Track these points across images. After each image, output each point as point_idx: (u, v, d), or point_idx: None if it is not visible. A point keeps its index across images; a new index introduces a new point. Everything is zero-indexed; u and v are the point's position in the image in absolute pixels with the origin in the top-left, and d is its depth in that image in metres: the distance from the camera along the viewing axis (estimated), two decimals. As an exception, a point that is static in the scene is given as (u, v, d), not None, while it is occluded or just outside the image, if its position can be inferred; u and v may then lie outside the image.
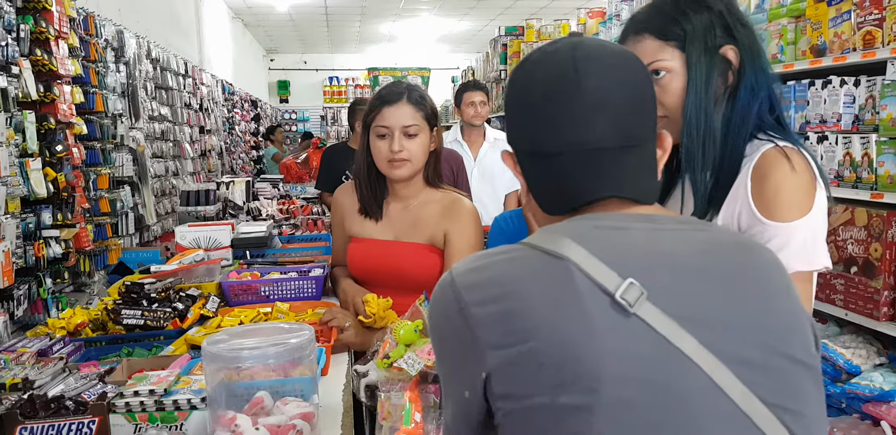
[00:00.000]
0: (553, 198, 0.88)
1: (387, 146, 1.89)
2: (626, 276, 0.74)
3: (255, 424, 1.23)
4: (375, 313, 1.81)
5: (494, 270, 0.78)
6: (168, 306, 1.87)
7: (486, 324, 0.75)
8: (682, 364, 0.72)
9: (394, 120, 1.89)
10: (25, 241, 3.29)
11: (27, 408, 1.26)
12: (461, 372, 0.78)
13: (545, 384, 0.71)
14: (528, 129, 0.87)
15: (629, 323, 0.72)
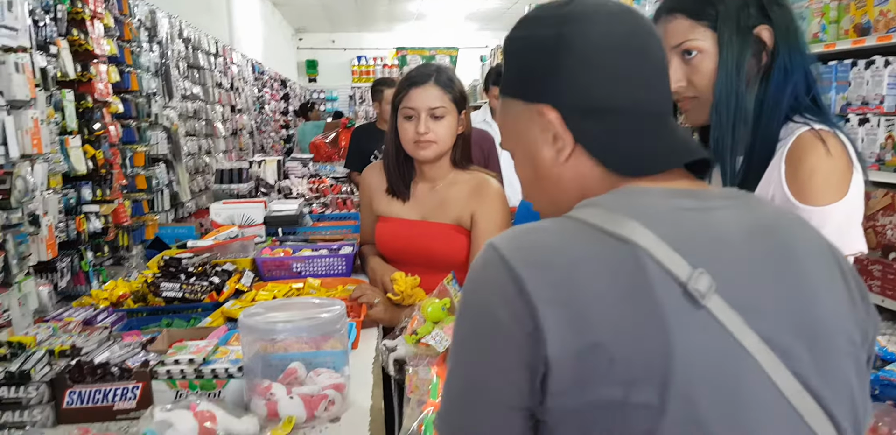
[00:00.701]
0: (621, 160, 0.80)
1: (413, 128, 1.92)
2: (694, 264, 0.69)
3: (290, 393, 1.29)
4: (403, 291, 1.85)
5: (553, 251, 0.70)
6: (205, 280, 1.95)
7: (551, 312, 0.66)
8: (745, 361, 0.68)
9: (420, 102, 1.91)
10: (67, 215, 3.40)
11: (75, 373, 1.34)
12: (504, 361, 0.68)
13: (615, 381, 0.65)
14: (593, 84, 0.79)
15: (699, 316, 0.67)
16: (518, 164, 0.89)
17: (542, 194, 0.87)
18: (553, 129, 0.81)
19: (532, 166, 0.85)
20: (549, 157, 0.83)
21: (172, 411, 1.17)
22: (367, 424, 1.29)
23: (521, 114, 0.85)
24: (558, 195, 0.84)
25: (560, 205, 0.83)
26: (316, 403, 1.29)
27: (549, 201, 0.87)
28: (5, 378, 1.31)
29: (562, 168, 0.83)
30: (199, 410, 1.18)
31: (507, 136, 0.89)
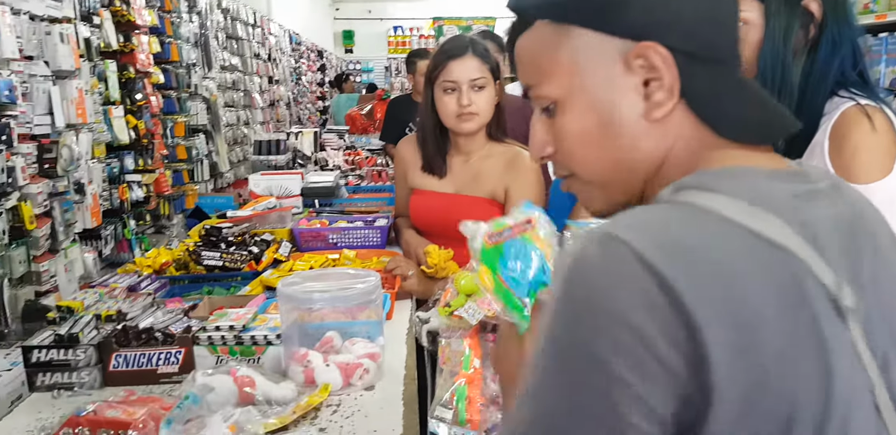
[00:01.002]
0: (733, 123, 0.66)
1: (455, 101, 1.91)
2: (838, 273, 0.58)
3: (326, 360, 1.33)
4: (437, 264, 1.87)
5: (705, 255, 0.56)
6: (244, 250, 1.99)
7: (717, 333, 0.53)
8: (867, 383, 0.58)
9: (461, 74, 1.90)
10: (110, 184, 3.49)
11: (121, 337, 1.39)
12: (642, 385, 0.53)
13: (775, 417, 0.55)
14: (700, 20, 0.65)
15: (844, 336, 0.57)
16: (570, 119, 0.68)
17: (602, 161, 0.68)
18: (655, 74, 0.64)
19: (598, 122, 0.66)
20: (633, 112, 0.65)
21: (213, 376, 1.21)
22: (401, 392, 1.32)
23: (592, 49, 0.65)
24: (628, 163, 0.67)
25: (625, 175, 0.68)
26: (351, 371, 1.32)
27: (609, 170, 0.68)
28: (55, 341, 1.37)
29: (648, 127, 0.65)
30: (239, 375, 1.22)
31: (552, 79, 0.68)
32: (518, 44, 0.71)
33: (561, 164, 0.72)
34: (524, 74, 0.71)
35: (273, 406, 1.21)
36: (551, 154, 0.72)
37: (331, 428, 1.17)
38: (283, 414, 1.18)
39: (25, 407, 1.32)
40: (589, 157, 0.69)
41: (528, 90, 0.71)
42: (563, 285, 0.57)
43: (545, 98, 0.69)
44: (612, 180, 0.69)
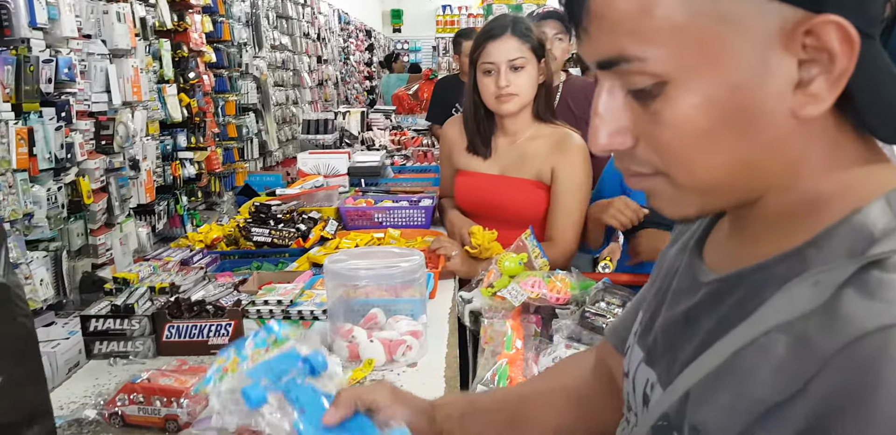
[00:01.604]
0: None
1: (493, 82, 1.90)
2: None
3: (370, 337, 1.35)
4: (481, 244, 1.88)
5: None
6: (292, 227, 2.03)
7: None
8: None
9: (498, 55, 1.88)
10: (164, 161, 3.59)
11: (174, 309, 1.44)
12: None
13: None
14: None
15: None
16: (684, 106, 0.50)
17: (721, 164, 0.52)
18: (819, 58, 0.48)
19: (728, 114, 0.50)
20: (781, 105, 0.49)
21: (262, 348, 1.25)
22: (443, 370, 1.34)
23: (742, 14, 0.48)
24: (758, 171, 0.52)
25: (745, 183, 0.53)
26: (395, 347, 1.34)
27: (728, 175, 0.52)
28: (111, 311, 1.42)
29: (795, 127, 0.50)
30: (287, 349, 1.25)
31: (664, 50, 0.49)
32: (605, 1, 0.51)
33: (645, 160, 0.54)
34: (609, 41, 0.51)
35: (318, 379, 1.24)
36: (629, 147, 0.54)
37: (374, 402, 1.20)
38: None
39: (83, 373, 1.37)
40: (702, 157, 0.51)
41: (611, 63, 0.52)
42: None
43: (646, 75, 0.50)
44: (726, 187, 0.53)
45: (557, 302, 1.47)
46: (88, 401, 1.22)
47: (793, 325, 0.47)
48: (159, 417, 1.11)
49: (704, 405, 0.52)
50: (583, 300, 1.44)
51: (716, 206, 0.56)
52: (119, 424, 1.13)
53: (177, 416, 1.10)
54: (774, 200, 0.54)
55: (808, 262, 0.50)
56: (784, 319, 0.47)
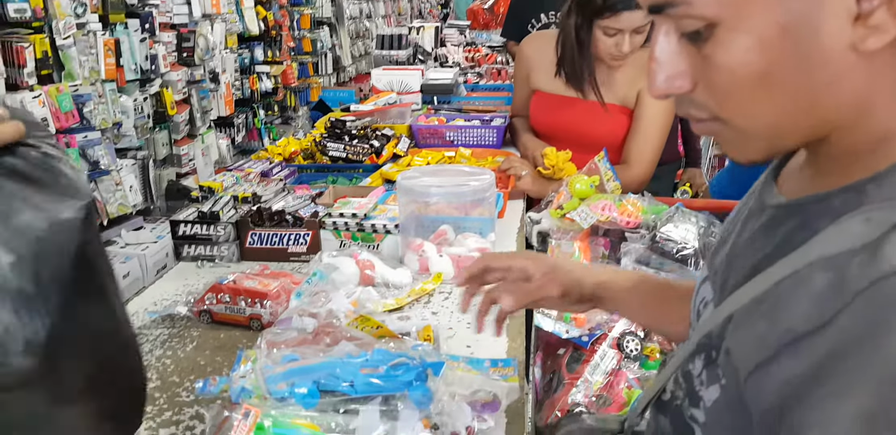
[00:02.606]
0: None
1: (614, 44, 1.81)
2: None
3: (440, 251, 1.40)
4: (555, 165, 1.87)
5: None
6: (366, 143, 2.07)
7: None
8: None
9: (629, 23, 1.77)
10: (242, 74, 3.64)
11: (256, 217, 1.51)
12: None
13: None
14: None
15: None
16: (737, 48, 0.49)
17: (780, 106, 0.50)
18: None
19: (785, 54, 0.48)
20: (839, 40, 0.47)
21: (338, 258, 1.31)
22: (508, 286, 1.38)
23: None
24: (820, 110, 0.50)
25: (806, 124, 0.51)
26: (463, 262, 1.39)
27: (787, 117, 0.51)
28: (199, 217, 1.51)
29: (856, 62, 0.48)
30: (361, 259, 1.32)
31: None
32: None
33: (703, 105, 0.53)
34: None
35: (390, 289, 1.30)
36: (687, 91, 0.53)
37: (442, 313, 1.26)
38: (399, 296, 1.27)
39: (173, 274, 1.48)
40: (760, 101, 0.50)
41: (661, 7, 0.51)
42: None
43: (694, 18, 0.49)
44: (788, 130, 0.52)
45: (627, 226, 1.47)
46: (179, 298, 1.32)
47: (836, 259, 0.46)
48: (244, 316, 1.20)
49: (740, 331, 0.53)
50: (654, 225, 1.44)
51: (781, 148, 0.55)
52: (208, 321, 1.22)
53: (260, 315, 1.19)
54: (842, 138, 0.52)
55: (866, 197, 0.49)
56: (830, 252, 0.47)
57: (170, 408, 0.97)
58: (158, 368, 1.08)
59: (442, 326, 1.17)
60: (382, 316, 1.11)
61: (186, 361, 1.10)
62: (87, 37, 2.55)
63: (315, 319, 1.06)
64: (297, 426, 0.75)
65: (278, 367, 0.85)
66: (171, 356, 1.12)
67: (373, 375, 0.83)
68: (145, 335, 1.19)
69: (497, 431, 0.90)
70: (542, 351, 1.47)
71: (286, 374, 0.83)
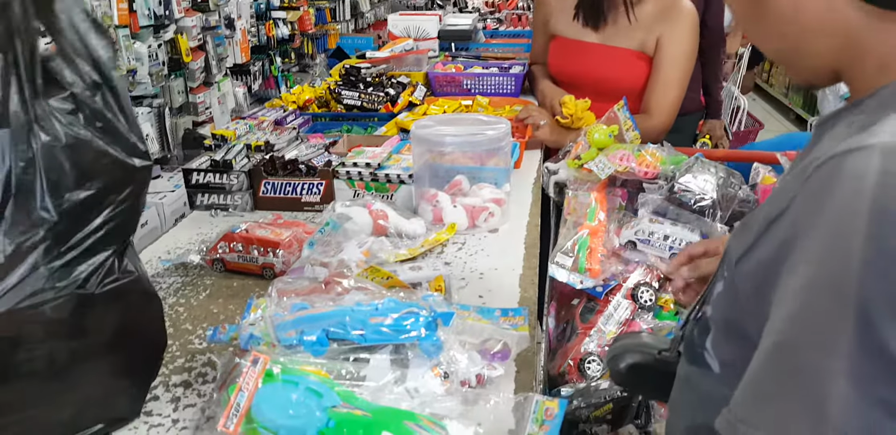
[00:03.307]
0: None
1: None
2: None
3: (454, 202, 1.39)
4: (573, 114, 1.83)
5: None
6: (381, 91, 2.03)
7: None
8: None
9: None
10: (258, 21, 3.57)
11: (269, 166, 1.50)
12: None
13: None
14: None
15: None
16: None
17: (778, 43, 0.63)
18: None
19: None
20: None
21: (351, 208, 1.30)
22: (524, 237, 1.37)
23: None
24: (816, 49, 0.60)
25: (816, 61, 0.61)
26: (477, 213, 1.38)
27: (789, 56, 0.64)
28: (212, 165, 1.50)
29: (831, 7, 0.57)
30: (374, 209, 1.31)
31: None
32: None
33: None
34: None
35: (403, 239, 1.30)
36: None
37: (455, 263, 1.25)
38: (412, 246, 1.26)
39: (187, 223, 1.48)
40: (761, 41, 0.65)
41: None
42: (872, 219, 0.46)
43: None
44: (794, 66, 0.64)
45: (646, 176, 1.44)
46: (192, 247, 1.33)
47: (815, 159, 0.52)
48: (257, 265, 1.20)
49: (739, 227, 0.61)
50: (672, 175, 1.41)
51: (812, 74, 0.64)
52: (220, 269, 1.23)
53: (272, 264, 1.19)
54: (848, 71, 0.60)
55: (863, 109, 0.56)
56: (815, 155, 0.53)
57: (182, 355, 0.98)
58: (171, 315, 1.09)
59: (454, 276, 1.17)
60: (394, 266, 1.11)
61: (199, 309, 1.11)
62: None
63: (326, 268, 1.06)
64: (306, 373, 0.76)
65: (288, 315, 0.85)
66: (183, 304, 1.13)
67: (382, 325, 0.83)
68: (158, 283, 1.20)
69: (507, 379, 0.90)
70: (557, 301, 1.47)
71: (295, 322, 0.83)
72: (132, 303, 0.78)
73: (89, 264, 0.71)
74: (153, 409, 0.86)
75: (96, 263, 0.72)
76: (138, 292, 0.79)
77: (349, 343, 0.82)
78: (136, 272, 0.77)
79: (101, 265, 0.72)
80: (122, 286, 0.75)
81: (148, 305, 0.81)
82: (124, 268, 0.75)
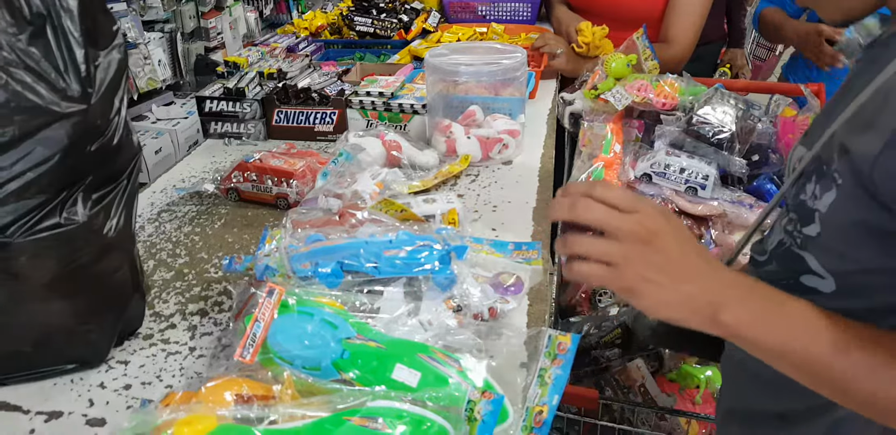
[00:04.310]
0: None
1: None
2: None
3: (468, 133, 1.37)
4: (590, 42, 1.78)
5: None
6: (394, 17, 1.98)
7: None
8: None
9: None
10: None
11: (282, 95, 1.48)
12: None
13: None
14: None
15: None
16: None
17: None
18: None
19: None
20: None
21: (364, 138, 1.29)
22: (538, 169, 1.36)
23: None
24: None
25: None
26: (491, 145, 1.36)
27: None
28: (224, 93, 1.49)
29: None
30: (387, 139, 1.30)
31: None
32: None
33: None
34: None
35: (416, 170, 1.29)
36: None
37: (468, 195, 1.25)
38: (425, 178, 1.26)
39: (201, 151, 1.48)
40: None
41: None
42: None
43: None
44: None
45: (663, 107, 1.41)
46: (207, 176, 1.33)
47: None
48: (271, 195, 1.21)
49: (854, 131, 0.59)
50: (691, 107, 1.38)
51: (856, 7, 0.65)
52: (235, 199, 1.24)
53: (286, 194, 1.19)
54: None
55: None
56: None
57: (198, 284, 1.00)
58: (187, 244, 1.11)
59: (468, 208, 1.17)
60: (407, 198, 1.11)
61: (214, 238, 1.13)
62: None
63: (340, 199, 1.07)
64: (321, 304, 0.77)
65: (303, 246, 0.86)
66: (199, 233, 1.14)
67: (396, 257, 0.84)
68: (174, 211, 1.21)
69: (519, 312, 0.92)
70: (569, 234, 1.48)
71: (310, 253, 0.85)
72: (78, 251, 0.74)
73: (8, 212, 0.68)
74: (170, 337, 0.89)
75: (20, 212, 0.68)
76: (86, 241, 0.74)
77: (363, 275, 0.83)
78: (79, 221, 0.72)
79: (28, 214, 0.69)
80: (61, 234, 0.71)
81: (104, 254, 0.78)
82: (66, 217, 0.71)
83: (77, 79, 0.69)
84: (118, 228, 0.78)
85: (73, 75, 0.69)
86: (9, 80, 0.66)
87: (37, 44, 0.68)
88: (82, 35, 0.70)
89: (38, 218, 0.70)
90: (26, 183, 0.68)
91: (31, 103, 0.67)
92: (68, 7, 0.69)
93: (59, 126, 0.69)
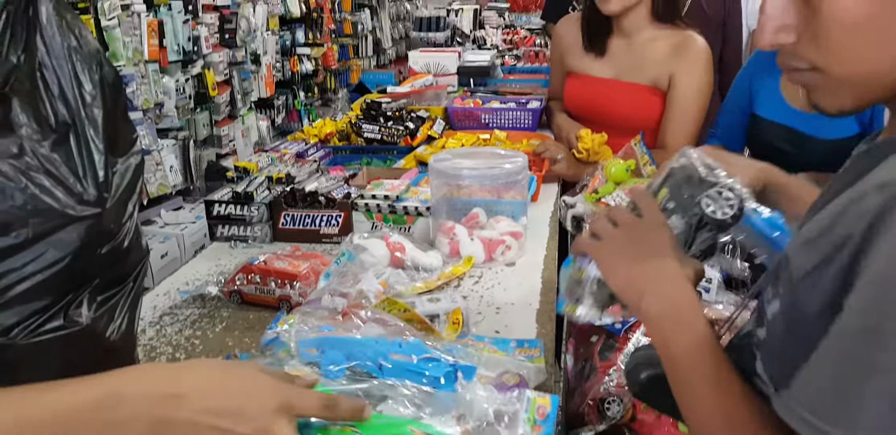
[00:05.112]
0: None
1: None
2: None
3: (471, 235, 1.39)
4: (589, 148, 1.84)
5: None
6: (401, 124, 2.06)
7: None
8: None
9: None
10: (283, 56, 3.66)
11: (289, 198, 1.52)
12: None
13: None
14: None
15: None
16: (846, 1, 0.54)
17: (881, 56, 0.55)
18: None
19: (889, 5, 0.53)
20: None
21: (369, 239, 1.31)
22: (541, 271, 1.36)
23: None
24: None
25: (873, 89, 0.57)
26: (494, 246, 1.37)
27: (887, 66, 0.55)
28: (233, 197, 1.52)
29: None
30: (392, 241, 1.31)
31: None
32: None
33: (803, 55, 0.58)
34: None
35: (420, 272, 1.30)
36: (791, 43, 0.58)
37: (472, 296, 1.25)
38: (429, 279, 1.26)
39: (207, 254, 1.50)
40: (862, 51, 0.54)
41: None
42: None
43: None
44: (880, 79, 0.56)
45: (663, 211, 1.43)
46: (211, 279, 1.33)
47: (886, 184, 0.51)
48: (274, 297, 1.21)
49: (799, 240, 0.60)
50: (689, 210, 1.40)
51: (871, 99, 0.58)
52: (238, 301, 1.23)
53: (289, 296, 1.19)
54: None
55: None
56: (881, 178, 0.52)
57: (198, 385, 0.98)
58: (187, 347, 1.10)
59: (471, 310, 1.16)
60: (412, 297, 1.11)
61: (214, 341, 1.12)
62: (131, 18, 2.59)
63: (345, 298, 1.06)
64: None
65: (313, 332, 0.85)
66: (199, 336, 1.13)
67: (403, 362, 0.82)
68: (176, 315, 1.21)
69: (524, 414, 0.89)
70: (575, 338, 1.45)
71: (318, 340, 0.83)
72: (80, 353, 0.73)
73: (14, 313, 0.67)
74: None
75: (25, 313, 0.67)
76: (88, 344, 0.73)
77: (366, 374, 0.81)
78: (83, 323, 0.71)
79: (33, 315, 0.68)
80: (64, 336, 0.70)
81: (105, 357, 0.76)
82: (70, 319, 0.70)
83: (94, 183, 0.71)
84: (121, 331, 0.77)
85: (90, 180, 0.70)
86: (28, 184, 0.66)
87: (59, 150, 0.69)
88: (103, 142, 0.72)
89: (43, 320, 0.69)
90: (35, 284, 0.67)
91: (46, 206, 0.67)
92: (93, 117, 0.72)
93: (72, 229, 0.69)
